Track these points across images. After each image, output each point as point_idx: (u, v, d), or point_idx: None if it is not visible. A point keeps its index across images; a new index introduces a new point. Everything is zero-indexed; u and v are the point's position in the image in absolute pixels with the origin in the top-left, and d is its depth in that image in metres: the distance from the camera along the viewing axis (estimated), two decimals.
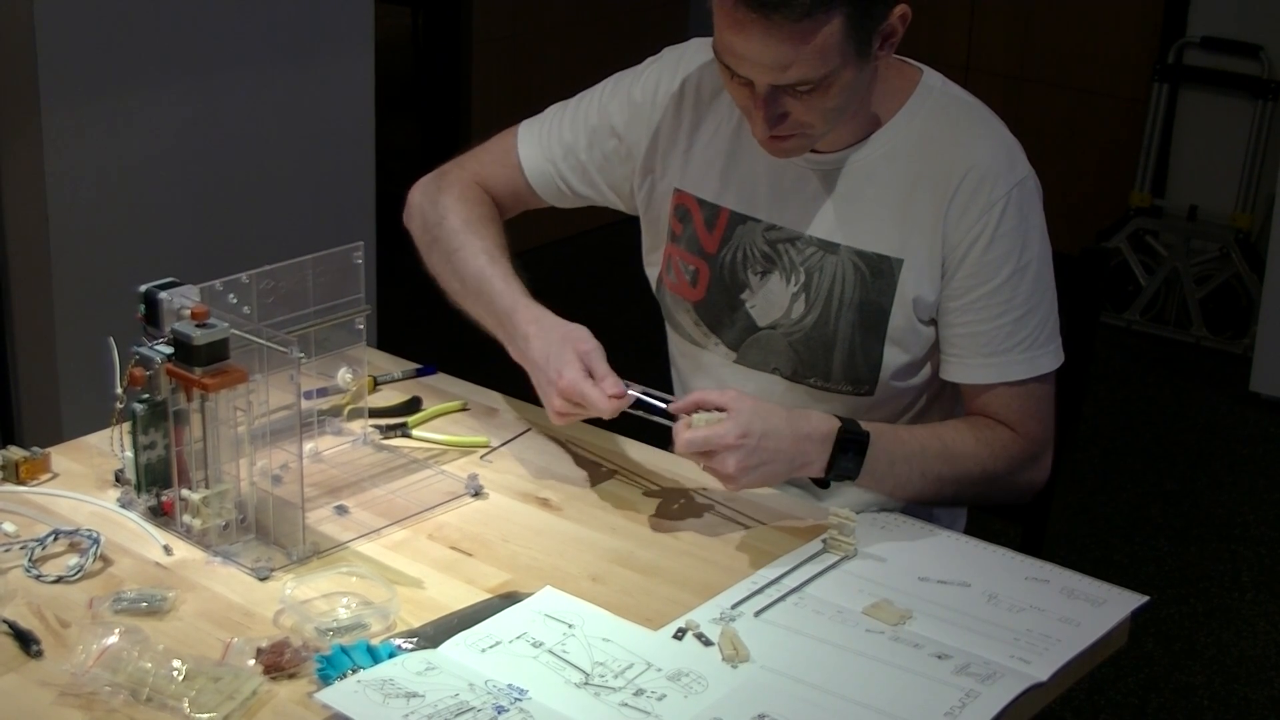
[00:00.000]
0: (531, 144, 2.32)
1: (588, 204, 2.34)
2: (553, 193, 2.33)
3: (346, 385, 2.10)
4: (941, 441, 2.06)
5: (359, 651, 1.64)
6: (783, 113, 1.97)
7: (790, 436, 1.94)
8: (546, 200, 2.35)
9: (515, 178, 2.34)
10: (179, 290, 1.88)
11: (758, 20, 1.88)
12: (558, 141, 2.30)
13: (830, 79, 1.93)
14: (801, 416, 1.97)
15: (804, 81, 1.92)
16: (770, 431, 1.92)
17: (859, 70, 1.97)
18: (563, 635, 1.71)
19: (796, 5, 1.86)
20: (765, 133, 1.99)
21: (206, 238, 3.71)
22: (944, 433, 2.08)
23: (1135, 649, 3.50)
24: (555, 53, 5.67)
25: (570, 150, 2.29)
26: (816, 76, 1.92)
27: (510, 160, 2.34)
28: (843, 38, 1.90)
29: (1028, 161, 2.09)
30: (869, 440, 1.97)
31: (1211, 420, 4.76)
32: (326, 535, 1.91)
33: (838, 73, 1.93)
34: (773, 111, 1.96)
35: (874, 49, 1.97)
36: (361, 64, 4.00)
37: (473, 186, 2.34)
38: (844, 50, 1.92)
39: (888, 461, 2.00)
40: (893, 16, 1.97)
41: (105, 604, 1.73)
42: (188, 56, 3.58)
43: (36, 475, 2.02)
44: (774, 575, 1.86)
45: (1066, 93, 5.57)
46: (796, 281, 2.14)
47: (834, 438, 1.96)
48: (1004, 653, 1.72)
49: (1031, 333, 2.07)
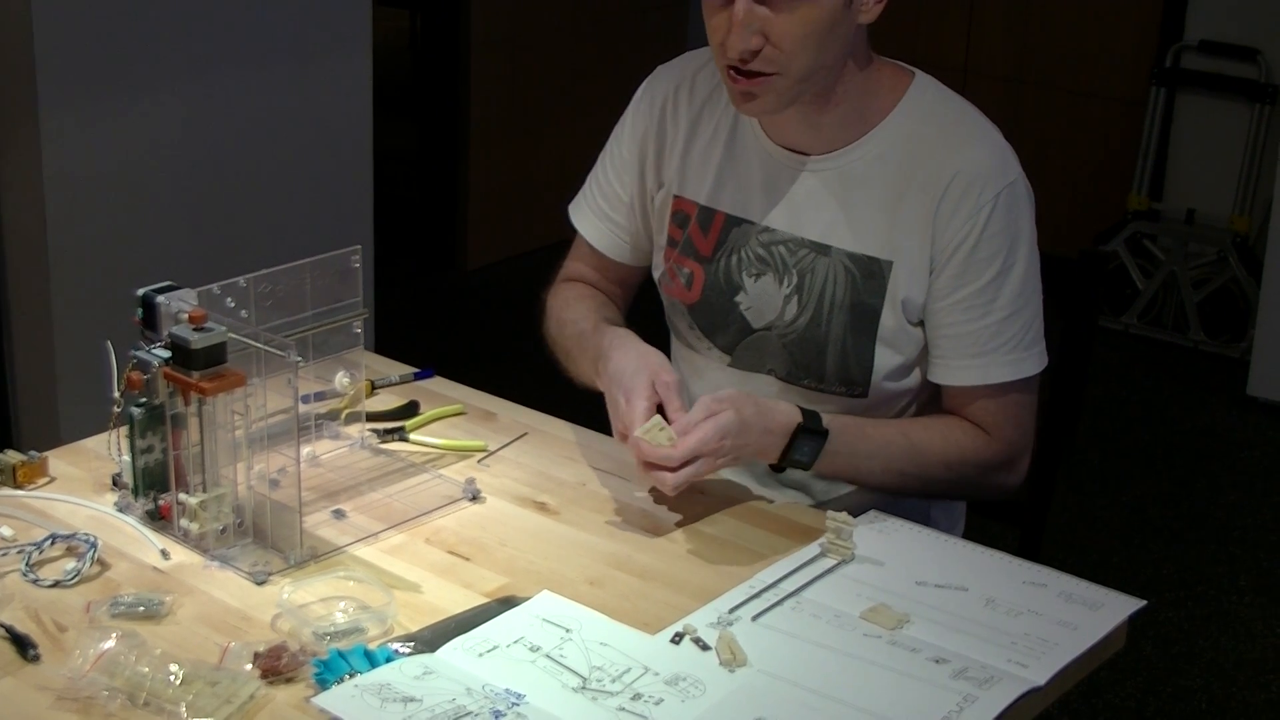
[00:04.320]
0: (584, 216, 2.35)
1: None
2: (622, 250, 2.33)
3: (344, 389, 2.10)
4: (908, 439, 2.08)
5: (356, 656, 1.64)
6: (759, 33, 1.97)
7: (758, 431, 1.98)
8: (620, 258, 2.34)
9: (590, 255, 2.36)
10: (176, 294, 1.88)
11: None
12: (601, 198, 2.32)
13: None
14: (769, 410, 2.00)
15: None
16: (741, 429, 1.96)
17: (844, 2, 1.98)
18: (560, 639, 1.71)
19: None
20: (739, 47, 1.98)
21: (204, 241, 3.71)
22: (912, 430, 2.10)
23: (1133, 652, 3.50)
24: (553, 57, 5.67)
25: (614, 199, 2.30)
26: None
27: (581, 245, 2.36)
28: None
29: (1019, 166, 2.09)
30: (827, 436, 2.02)
31: (1209, 424, 4.77)
32: (324, 539, 1.91)
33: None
34: (750, 25, 1.96)
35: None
36: (360, 67, 4.00)
37: (566, 285, 2.37)
38: None
39: (848, 456, 2.05)
40: None
41: (102, 608, 1.73)
42: (185, 59, 3.58)
43: (34, 479, 2.02)
44: (771, 579, 1.85)
45: (1064, 96, 5.57)
46: (789, 283, 2.14)
47: (792, 430, 2.00)
48: (1002, 657, 1.72)
49: (1016, 335, 2.07)
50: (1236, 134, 5.24)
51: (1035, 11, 5.58)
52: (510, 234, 5.65)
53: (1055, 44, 5.56)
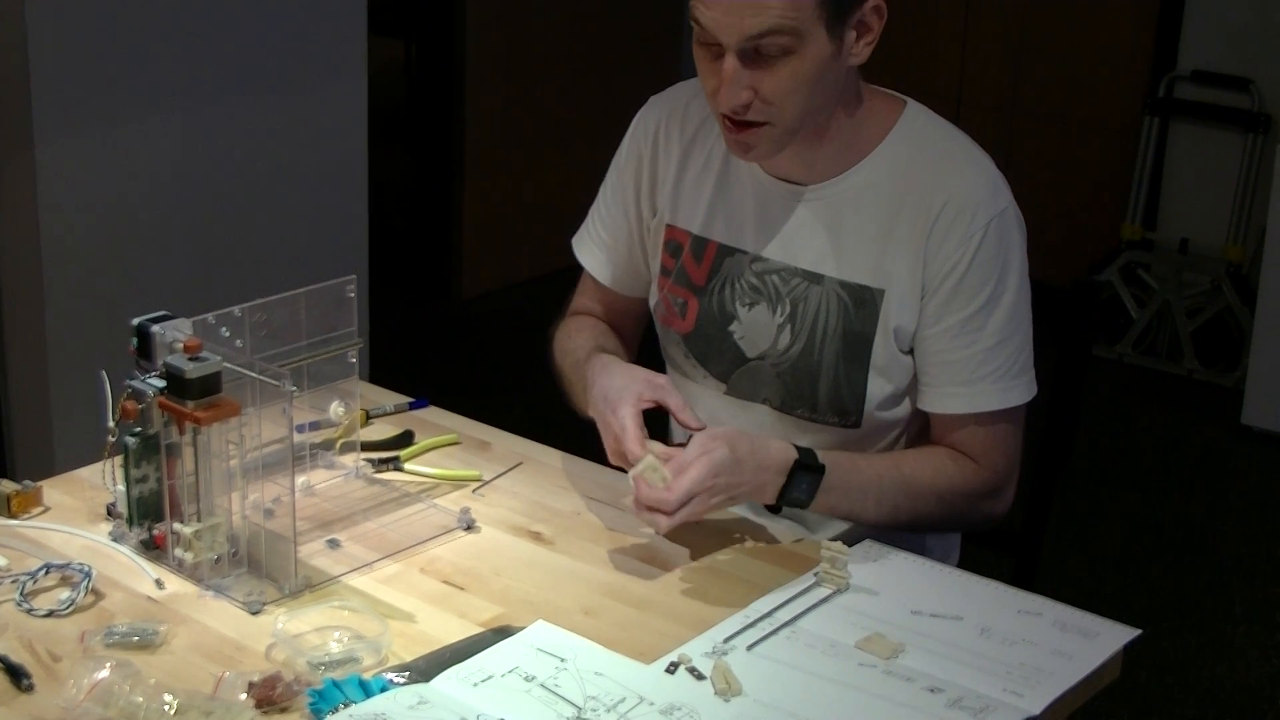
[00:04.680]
0: (586, 249, 2.35)
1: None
2: (624, 281, 2.34)
3: (339, 418, 2.10)
4: (900, 472, 2.08)
5: (351, 685, 1.64)
6: (749, 88, 1.98)
7: (752, 468, 1.97)
8: (624, 289, 2.35)
9: (595, 289, 2.36)
10: (171, 323, 1.88)
11: None
12: (602, 229, 2.32)
13: (798, 41, 1.94)
14: (763, 448, 1.99)
15: (773, 30, 1.93)
16: (735, 466, 1.95)
17: (831, 53, 1.98)
18: (555, 669, 1.70)
19: None
20: (730, 102, 1.99)
21: (199, 271, 3.71)
22: (904, 463, 2.10)
23: (1128, 681, 3.48)
24: (548, 86, 5.68)
25: (613, 229, 2.31)
26: (786, 26, 1.93)
27: (586, 279, 2.37)
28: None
29: (1010, 194, 2.10)
30: (824, 472, 2.00)
31: (1203, 453, 4.77)
32: (318, 569, 1.91)
33: (806, 36, 1.94)
34: (739, 81, 1.97)
35: (847, 34, 1.99)
36: (355, 95, 4.01)
37: (572, 319, 2.37)
38: (815, 11, 1.94)
39: (843, 491, 2.04)
40: (868, 6, 2.00)
41: (97, 638, 1.73)
42: (181, 88, 3.59)
43: (28, 509, 2.02)
44: (767, 609, 1.85)
45: (1058, 125, 5.59)
46: (782, 312, 2.14)
47: (789, 468, 1.99)
48: (997, 686, 1.72)
49: (1003, 364, 2.08)
50: (1229, 163, 5.26)
51: (1029, 41, 5.60)
52: (505, 263, 5.65)
53: (1049, 73, 5.58)
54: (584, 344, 2.26)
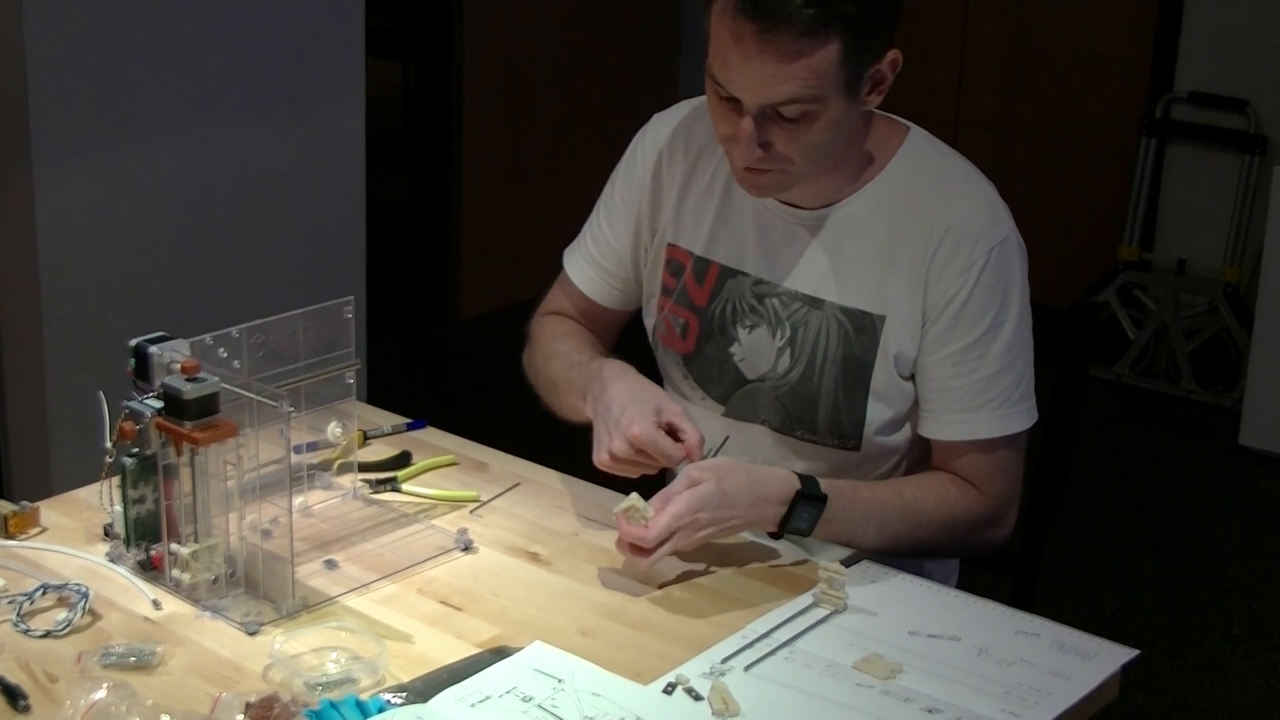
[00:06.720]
0: (576, 263, 2.35)
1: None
2: (610, 296, 2.34)
3: (336, 439, 2.10)
4: (902, 499, 2.08)
5: (348, 706, 1.64)
6: (765, 142, 1.98)
7: (748, 502, 1.97)
8: (607, 303, 2.35)
9: (577, 298, 2.36)
10: (169, 344, 1.88)
11: (757, 33, 1.90)
12: (594, 245, 2.33)
13: (819, 106, 1.94)
14: (761, 480, 1.99)
15: (794, 100, 1.93)
16: (722, 500, 1.94)
17: (847, 109, 1.98)
18: (553, 690, 1.70)
19: (797, 21, 1.88)
20: (746, 159, 2.00)
21: (197, 292, 3.71)
22: (906, 490, 2.09)
23: (1126, 702, 3.48)
24: (546, 109, 5.69)
25: (606, 247, 2.31)
26: (807, 96, 1.93)
27: (569, 285, 2.36)
28: (837, 65, 1.92)
29: (1012, 222, 2.10)
30: (826, 502, 2.00)
31: (1201, 474, 4.77)
32: (316, 590, 1.91)
33: (826, 101, 1.94)
34: (757, 139, 1.97)
35: (863, 89, 1.99)
36: (353, 118, 4.01)
37: (553, 318, 2.38)
38: (836, 79, 1.94)
39: (845, 520, 2.03)
40: (885, 60, 1.99)
41: (94, 658, 1.73)
42: (179, 110, 3.59)
43: (25, 529, 2.02)
44: (764, 629, 1.85)
45: (1055, 147, 5.59)
46: (782, 336, 2.14)
47: (791, 499, 1.98)
48: (994, 706, 1.72)
49: (1004, 391, 2.08)
50: (1226, 184, 5.26)
51: (1026, 63, 5.61)
52: (503, 285, 5.65)
53: (1046, 96, 5.59)
54: (579, 348, 2.26)
